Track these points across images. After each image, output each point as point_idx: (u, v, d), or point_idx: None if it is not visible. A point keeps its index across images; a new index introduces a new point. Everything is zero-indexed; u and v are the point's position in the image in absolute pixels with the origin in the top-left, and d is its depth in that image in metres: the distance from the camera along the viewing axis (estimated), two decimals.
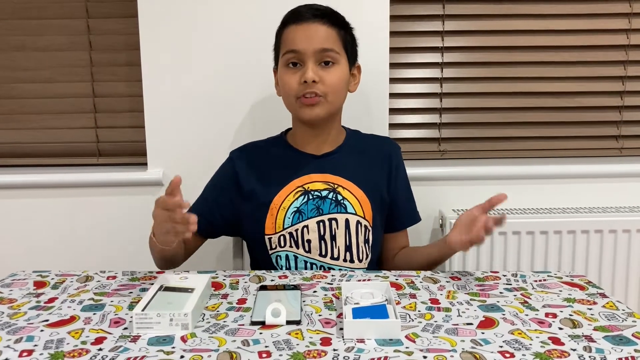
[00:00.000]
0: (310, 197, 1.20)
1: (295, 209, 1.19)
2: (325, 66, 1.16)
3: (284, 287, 0.97)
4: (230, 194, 1.24)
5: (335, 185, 1.21)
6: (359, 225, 1.21)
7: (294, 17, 1.18)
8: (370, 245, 1.23)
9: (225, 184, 1.26)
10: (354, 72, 1.25)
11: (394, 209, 1.29)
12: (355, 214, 1.21)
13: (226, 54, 1.53)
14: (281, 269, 1.20)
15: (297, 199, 1.20)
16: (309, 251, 1.19)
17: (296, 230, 1.19)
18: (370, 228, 1.23)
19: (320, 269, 1.19)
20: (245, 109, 1.55)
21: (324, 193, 1.21)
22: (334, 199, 1.20)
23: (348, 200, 1.21)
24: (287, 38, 1.18)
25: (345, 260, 1.20)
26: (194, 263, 1.24)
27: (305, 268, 1.19)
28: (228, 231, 1.30)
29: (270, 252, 1.21)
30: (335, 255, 1.20)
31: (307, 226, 1.19)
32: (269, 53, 1.26)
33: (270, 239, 1.20)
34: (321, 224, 1.20)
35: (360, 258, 1.21)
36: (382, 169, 1.27)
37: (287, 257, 1.20)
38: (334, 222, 1.20)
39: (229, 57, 1.53)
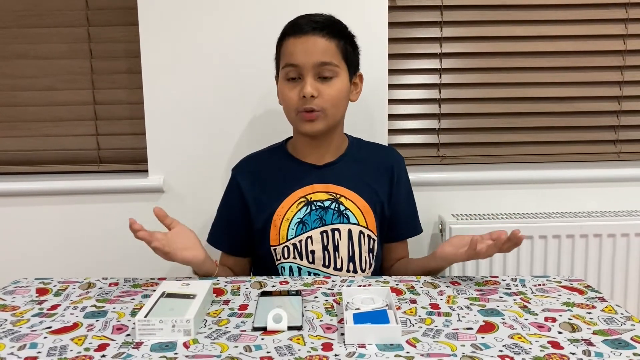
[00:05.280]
0: (313, 207, 1.20)
1: (299, 219, 1.19)
2: (324, 79, 1.15)
3: (286, 293, 0.97)
4: (242, 211, 1.25)
5: (338, 196, 1.21)
6: (362, 235, 1.21)
7: (292, 30, 1.16)
8: (374, 254, 1.23)
9: (234, 202, 1.26)
10: (355, 81, 1.24)
11: (394, 220, 1.27)
12: (358, 224, 1.21)
13: (227, 61, 1.54)
14: None
15: (300, 209, 1.20)
16: (313, 262, 1.19)
17: (300, 242, 1.19)
18: (375, 238, 1.23)
19: None
20: (246, 116, 1.56)
21: (327, 203, 1.20)
22: (336, 209, 1.20)
23: (350, 211, 1.21)
24: (286, 51, 1.17)
25: (348, 270, 1.20)
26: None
27: None
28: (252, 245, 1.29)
29: (276, 263, 1.21)
30: (338, 266, 1.20)
31: (310, 237, 1.19)
32: (270, 61, 1.27)
33: (275, 250, 1.21)
34: (324, 234, 1.19)
35: (364, 268, 1.21)
36: (384, 180, 1.26)
37: (291, 268, 1.20)
38: (336, 233, 1.20)
39: (229, 65, 1.54)
